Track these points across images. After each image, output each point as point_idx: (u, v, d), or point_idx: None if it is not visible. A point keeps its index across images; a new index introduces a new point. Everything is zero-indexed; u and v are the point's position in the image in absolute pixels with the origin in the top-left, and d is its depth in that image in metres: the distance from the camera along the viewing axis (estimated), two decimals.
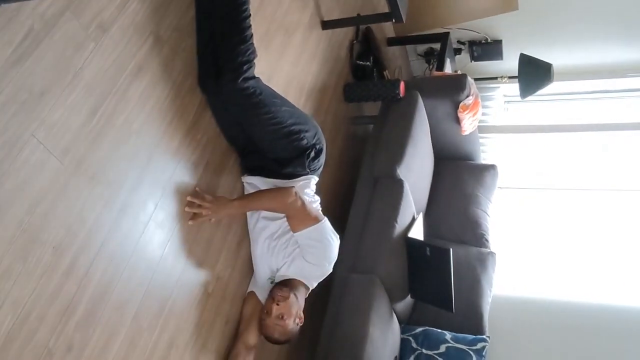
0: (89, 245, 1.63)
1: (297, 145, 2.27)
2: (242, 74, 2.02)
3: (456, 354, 2.80)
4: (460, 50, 4.37)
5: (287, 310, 2.15)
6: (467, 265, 3.29)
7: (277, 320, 2.14)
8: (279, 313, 2.13)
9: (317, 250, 2.24)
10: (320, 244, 2.24)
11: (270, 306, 2.16)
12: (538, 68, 3.83)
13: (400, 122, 3.18)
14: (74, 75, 1.60)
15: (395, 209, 2.89)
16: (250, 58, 2.06)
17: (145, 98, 1.86)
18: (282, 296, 2.16)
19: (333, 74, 3.30)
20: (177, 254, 2.01)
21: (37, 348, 1.48)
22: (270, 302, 2.16)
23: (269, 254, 2.29)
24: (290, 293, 2.19)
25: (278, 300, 2.15)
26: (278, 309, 2.13)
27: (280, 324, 2.14)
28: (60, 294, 1.53)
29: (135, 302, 1.80)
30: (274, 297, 2.16)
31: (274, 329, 2.16)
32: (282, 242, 2.26)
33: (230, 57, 2.02)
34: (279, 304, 2.14)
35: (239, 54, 2.02)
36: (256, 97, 2.09)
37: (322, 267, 2.30)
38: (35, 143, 1.48)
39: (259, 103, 2.11)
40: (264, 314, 2.17)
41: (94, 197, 1.65)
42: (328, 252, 2.27)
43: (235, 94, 2.06)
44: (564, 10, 3.96)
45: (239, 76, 2.02)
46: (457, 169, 3.80)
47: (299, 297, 2.24)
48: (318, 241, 2.23)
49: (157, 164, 1.91)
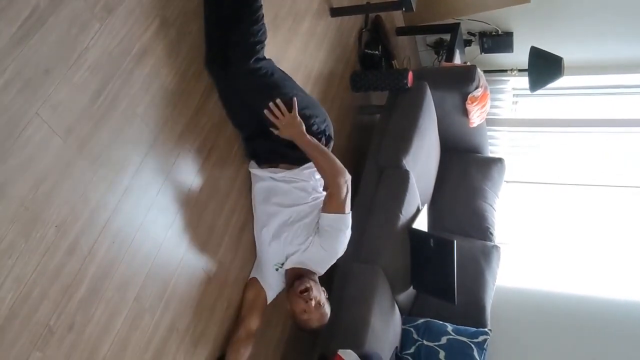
0: (92, 225, 1.63)
1: (308, 131, 2.25)
2: (255, 54, 2.01)
3: (457, 346, 2.80)
4: (471, 41, 4.33)
5: (319, 296, 2.17)
6: (471, 258, 3.28)
7: (318, 310, 2.16)
8: (315, 303, 2.14)
9: (334, 238, 2.23)
10: (341, 233, 2.23)
11: (304, 307, 2.14)
12: (548, 61, 3.79)
13: (408, 113, 3.17)
14: (78, 55, 1.59)
15: (400, 200, 2.88)
16: (262, 39, 2.04)
17: (150, 81, 1.86)
18: (306, 288, 2.15)
19: (341, 62, 3.28)
20: (180, 237, 2.01)
21: (39, 326, 1.48)
22: (303, 303, 2.14)
23: (282, 241, 2.25)
24: (309, 282, 2.19)
25: (307, 297, 2.13)
26: (313, 302, 2.14)
27: (320, 312, 2.17)
28: (62, 273, 1.54)
29: (137, 283, 1.80)
30: (302, 297, 2.14)
31: (320, 319, 2.19)
32: (296, 228, 2.23)
33: (242, 37, 2.00)
34: (311, 298, 2.13)
35: (251, 35, 2.00)
36: (268, 78, 2.08)
37: (334, 256, 2.30)
38: (39, 122, 1.48)
39: (271, 84, 2.10)
40: (303, 313, 2.16)
41: (97, 177, 1.65)
42: (344, 242, 2.27)
43: (247, 74, 2.04)
44: (577, 3, 3.90)
45: (252, 56, 2.00)
46: (464, 162, 3.78)
47: (316, 280, 2.26)
48: (339, 230, 2.22)
49: (161, 147, 1.91)
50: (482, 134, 3.83)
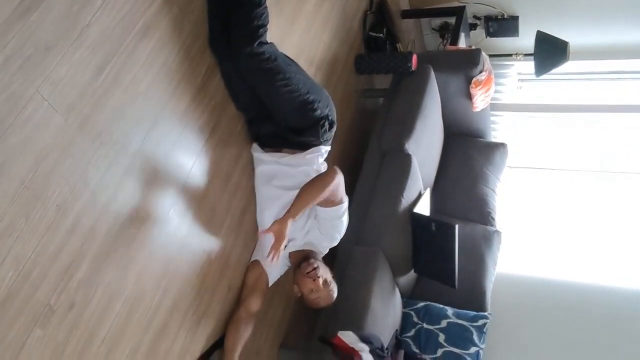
0: (92, 204, 1.62)
1: (311, 116, 2.25)
2: (257, 38, 1.98)
3: (457, 329, 2.81)
4: (476, 25, 4.27)
5: (326, 275, 2.22)
6: (472, 242, 3.28)
7: (325, 288, 2.20)
8: (322, 281, 2.19)
9: (333, 226, 2.29)
10: (338, 221, 2.28)
11: (312, 285, 2.19)
12: (554, 46, 3.75)
13: (411, 96, 3.14)
14: (80, 31, 1.56)
15: (402, 184, 2.87)
16: (264, 22, 2.02)
17: (153, 59, 1.83)
18: (313, 269, 2.19)
19: (345, 44, 3.24)
20: (181, 218, 2.00)
21: (39, 305, 1.48)
22: (311, 282, 2.18)
23: None
24: (315, 261, 2.24)
25: (314, 276, 2.18)
26: (320, 280, 2.18)
27: (328, 290, 2.22)
28: (62, 252, 1.53)
29: (139, 263, 1.80)
30: (309, 276, 2.18)
31: (328, 297, 2.23)
32: None
33: (245, 21, 1.98)
34: (318, 276, 2.18)
35: (254, 18, 1.98)
36: (271, 63, 2.05)
37: (334, 240, 2.37)
38: (40, 99, 1.46)
39: (273, 69, 2.07)
40: (311, 293, 2.20)
41: (98, 156, 1.63)
42: (341, 228, 2.32)
43: (250, 58, 2.02)
44: None
45: (255, 40, 1.98)
46: (467, 146, 3.76)
47: (321, 260, 2.31)
48: (337, 218, 2.26)
49: (163, 126, 1.89)
50: (486, 119, 3.81)
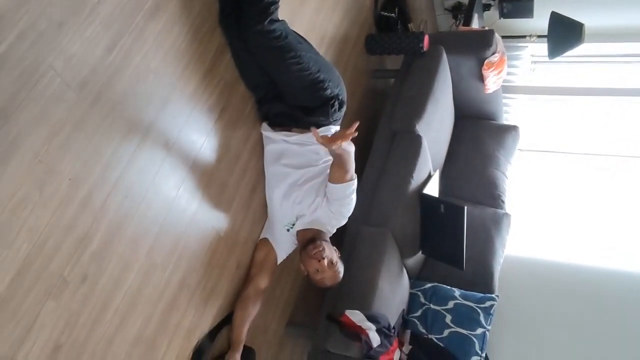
0: (104, 179, 1.65)
1: (322, 95, 2.23)
2: (268, 15, 1.98)
3: (464, 310, 2.82)
4: (490, 6, 4.22)
5: (332, 256, 2.20)
6: (481, 225, 3.28)
7: (331, 269, 2.19)
8: (328, 262, 2.17)
9: (343, 203, 2.25)
10: (348, 199, 2.24)
11: (317, 266, 2.17)
12: (569, 28, 3.68)
13: (422, 77, 3.12)
14: (91, 8, 1.58)
15: (411, 165, 2.87)
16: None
17: (163, 38, 1.84)
18: (319, 251, 2.17)
19: (356, 23, 3.23)
20: (191, 195, 2.03)
21: (53, 276, 1.52)
22: (315, 263, 2.17)
23: (291, 201, 2.27)
24: (321, 242, 2.21)
25: (320, 257, 2.16)
26: (325, 261, 2.16)
27: (334, 270, 2.21)
28: (75, 225, 1.57)
29: (150, 238, 1.83)
30: (314, 257, 2.17)
31: (333, 277, 2.22)
32: (306, 189, 2.25)
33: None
34: (323, 257, 2.16)
35: None
36: (282, 40, 2.05)
37: (342, 218, 2.34)
38: (53, 74, 1.48)
39: (284, 47, 2.06)
40: (316, 273, 2.19)
41: (110, 132, 1.66)
42: (350, 206, 2.29)
43: (261, 36, 2.01)
44: None
45: (266, 18, 1.97)
46: (478, 128, 3.74)
47: (328, 240, 2.29)
48: (347, 196, 2.23)
49: (173, 105, 1.91)
50: (498, 101, 3.78)
